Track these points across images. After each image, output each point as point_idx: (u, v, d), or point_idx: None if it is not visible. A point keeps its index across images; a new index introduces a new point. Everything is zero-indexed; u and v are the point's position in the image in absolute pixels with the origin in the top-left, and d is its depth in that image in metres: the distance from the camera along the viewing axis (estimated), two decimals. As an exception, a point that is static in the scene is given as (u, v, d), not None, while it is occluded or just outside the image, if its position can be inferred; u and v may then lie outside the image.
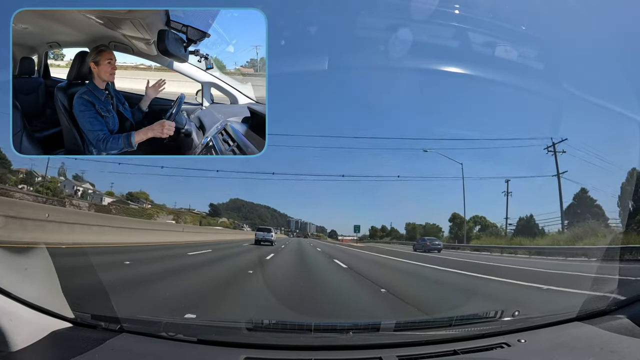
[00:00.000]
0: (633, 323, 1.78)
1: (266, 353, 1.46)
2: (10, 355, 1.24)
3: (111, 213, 33.00)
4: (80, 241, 9.96)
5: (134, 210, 44.44)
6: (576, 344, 1.68)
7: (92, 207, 37.94)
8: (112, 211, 38.35)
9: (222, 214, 70.51)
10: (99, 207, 40.58)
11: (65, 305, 1.58)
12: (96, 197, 47.02)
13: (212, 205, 70.02)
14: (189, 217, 53.89)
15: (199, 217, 57.24)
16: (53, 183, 41.73)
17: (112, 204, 44.74)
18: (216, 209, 70.04)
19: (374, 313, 4.13)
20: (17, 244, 6.85)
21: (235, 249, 15.24)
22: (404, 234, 54.71)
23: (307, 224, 77.58)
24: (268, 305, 4.11)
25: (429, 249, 23.10)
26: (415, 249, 24.69)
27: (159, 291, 4.60)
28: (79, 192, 45.57)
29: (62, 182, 44.03)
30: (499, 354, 1.55)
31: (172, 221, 41.36)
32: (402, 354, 1.47)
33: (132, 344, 1.48)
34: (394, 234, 58.93)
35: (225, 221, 64.73)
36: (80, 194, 45.80)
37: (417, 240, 28.71)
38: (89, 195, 47.18)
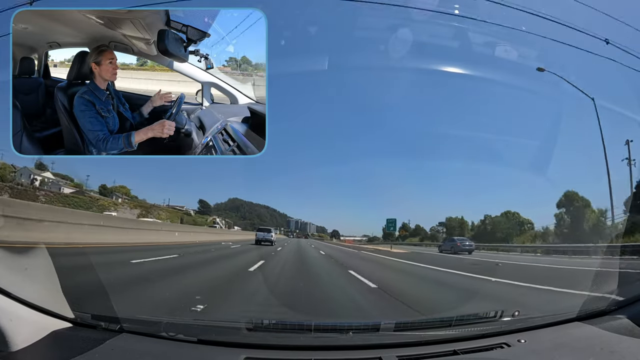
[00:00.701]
0: (633, 323, 1.78)
1: (266, 353, 1.46)
2: (10, 355, 1.24)
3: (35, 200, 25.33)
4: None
5: (77, 200, 34.56)
6: (576, 344, 1.68)
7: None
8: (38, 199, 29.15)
9: (212, 212, 61.36)
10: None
11: (65, 305, 1.58)
12: (54, 186, 39.48)
13: (202, 202, 60.56)
14: (165, 214, 44.43)
15: (180, 214, 48.47)
16: (2, 170, 35.26)
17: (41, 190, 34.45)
18: (206, 206, 60.79)
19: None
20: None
21: (212, 253, 11.93)
22: (438, 233, 45.54)
23: (307, 224, 76.94)
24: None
25: (459, 250, 19.88)
26: (442, 250, 21.84)
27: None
28: (36, 181, 38.85)
29: (18, 170, 38.39)
30: (499, 354, 1.55)
31: (151, 219, 31.74)
32: (402, 354, 1.47)
33: (132, 344, 1.48)
34: (421, 233, 49.50)
35: (215, 220, 56.47)
36: (38, 183, 38.96)
37: (443, 241, 25.37)
38: (48, 185, 39.53)
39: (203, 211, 58.15)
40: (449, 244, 21.94)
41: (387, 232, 48.46)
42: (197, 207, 58.08)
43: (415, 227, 51.31)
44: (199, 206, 58.84)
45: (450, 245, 21.22)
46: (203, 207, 59.33)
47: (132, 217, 34.40)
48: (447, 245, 21.98)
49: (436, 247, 26.10)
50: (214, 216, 58.39)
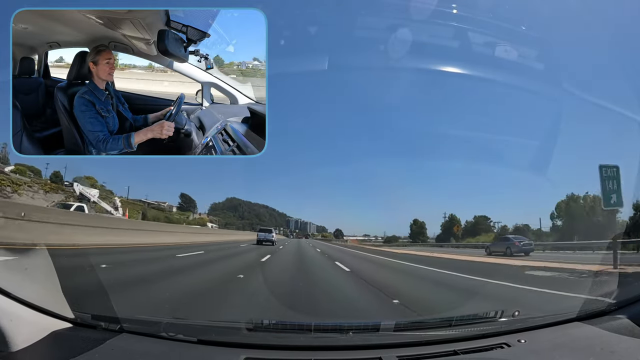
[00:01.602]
0: (633, 323, 1.78)
1: (266, 353, 1.46)
2: (10, 355, 1.24)
3: None
4: None
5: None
6: (576, 344, 1.68)
7: None
8: None
9: (195, 209, 50.06)
10: None
11: (65, 306, 1.58)
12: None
13: (185, 197, 48.66)
14: (125, 207, 33.51)
15: (142, 208, 39.09)
16: None
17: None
18: (189, 202, 49.01)
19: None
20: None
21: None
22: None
23: (308, 223, 76.23)
24: None
25: (518, 252, 16.08)
26: (491, 252, 17.69)
27: None
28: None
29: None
30: (499, 354, 1.55)
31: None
32: (402, 354, 1.47)
33: (132, 344, 1.48)
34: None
35: (203, 218, 48.48)
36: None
37: (493, 241, 20.96)
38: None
39: (185, 207, 48.65)
40: (503, 243, 17.59)
41: (416, 231, 41.54)
42: (178, 202, 48.06)
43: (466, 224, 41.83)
44: (180, 201, 48.30)
45: (506, 246, 16.94)
46: (185, 203, 48.77)
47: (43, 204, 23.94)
48: (500, 245, 17.67)
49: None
50: (199, 213, 50.07)
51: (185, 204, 48.71)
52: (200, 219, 47.20)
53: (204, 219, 48.14)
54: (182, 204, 48.62)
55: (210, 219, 50.87)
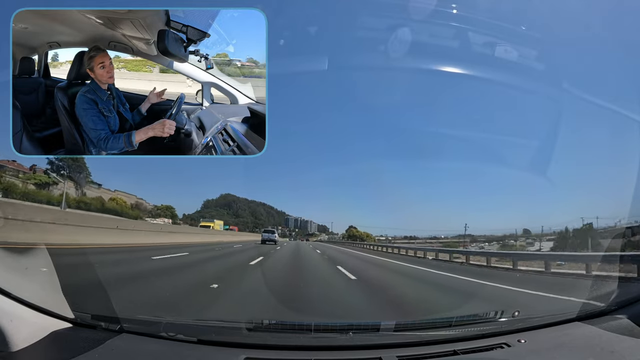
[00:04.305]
0: (633, 323, 1.78)
1: (266, 353, 1.46)
2: (10, 355, 1.24)
3: None
4: None
5: None
6: (576, 344, 1.68)
7: None
8: None
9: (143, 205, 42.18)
10: None
11: (65, 305, 1.58)
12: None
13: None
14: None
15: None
16: None
17: None
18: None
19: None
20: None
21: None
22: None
23: (308, 222, 74.30)
24: None
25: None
26: None
27: None
28: None
29: None
30: (499, 354, 1.55)
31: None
32: (402, 354, 1.47)
33: (132, 344, 1.48)
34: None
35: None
36: None
37: None
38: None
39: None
40: None
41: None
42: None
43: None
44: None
45: None
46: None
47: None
48: None
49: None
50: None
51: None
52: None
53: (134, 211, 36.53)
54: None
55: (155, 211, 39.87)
